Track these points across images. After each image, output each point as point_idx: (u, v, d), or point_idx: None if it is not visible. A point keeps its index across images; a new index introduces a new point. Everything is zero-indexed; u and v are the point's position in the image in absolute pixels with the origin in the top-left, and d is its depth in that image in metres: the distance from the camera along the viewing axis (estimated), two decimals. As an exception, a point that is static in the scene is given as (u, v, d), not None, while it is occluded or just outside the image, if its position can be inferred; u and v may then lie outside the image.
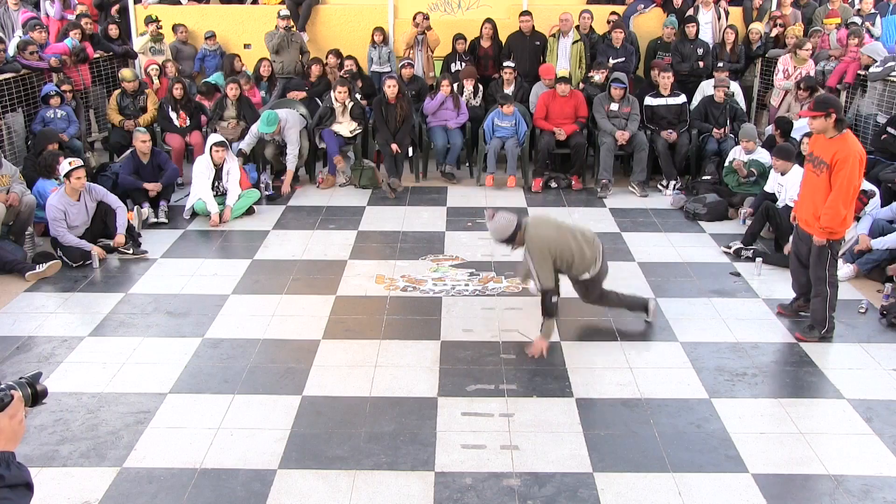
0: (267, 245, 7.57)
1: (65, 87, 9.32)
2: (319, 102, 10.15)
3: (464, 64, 10.38)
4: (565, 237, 5.49)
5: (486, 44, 10.68)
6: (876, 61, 8.90)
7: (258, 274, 6.90)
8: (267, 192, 8.97)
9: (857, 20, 10.68)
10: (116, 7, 11.66)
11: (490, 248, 7.48)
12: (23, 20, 10.55)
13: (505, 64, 10.06)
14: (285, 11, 10.84)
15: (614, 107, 9.41)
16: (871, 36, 10.31)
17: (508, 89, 9.88)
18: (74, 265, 6.92)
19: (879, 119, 8.71)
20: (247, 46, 11.44)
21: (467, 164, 10.14)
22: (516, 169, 9.51)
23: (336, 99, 9.49)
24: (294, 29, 10.95)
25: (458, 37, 10.52)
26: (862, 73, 9.23)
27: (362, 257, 7.27)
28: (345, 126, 9.55)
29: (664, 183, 9.35)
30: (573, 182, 9.47)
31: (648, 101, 9.67)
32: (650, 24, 11.36)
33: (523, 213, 5.66)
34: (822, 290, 5.66)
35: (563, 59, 10.39)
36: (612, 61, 10.26)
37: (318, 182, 9.50)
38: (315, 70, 10.59)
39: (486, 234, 7.83)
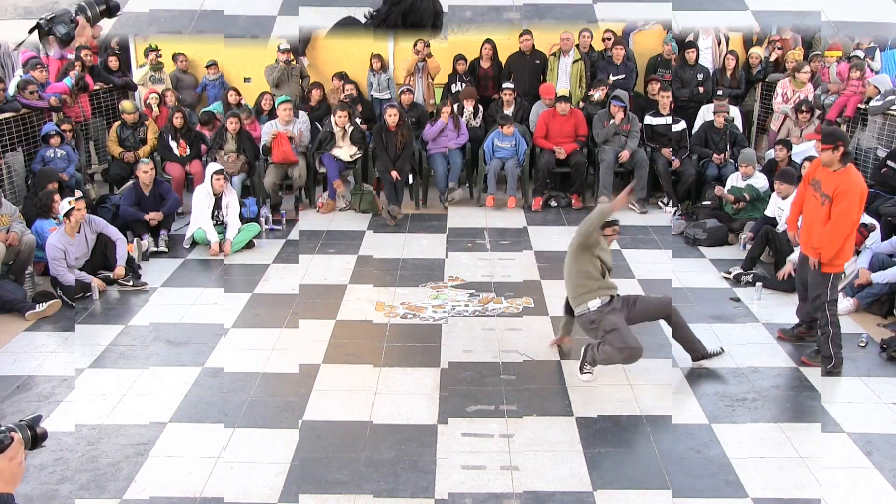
0: (267, 279, 7.48)
1: (65, 127, 9.34)
2: (319, 127, 10.17)
3: (464, 84, 10.40)
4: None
5: (485, 64, 10.69)
6: (881, 91, 8.83)
7: (258, 308, 6.81)
8: (268, 227, 8.94)
9: (860, 53, 10.53)
10: (116, 40, 11.74)
11: (490, 269, 7.46)
12: (23, 59, 10.64)
13: (504, 85, 10.08)
14: (285, 45, 10.81)
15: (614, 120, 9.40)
16: (871, 70, 10.18)
17: (508, 110, 9.90)
18: (74, 297, 6.88)
19: (879, 153, 8.63)
20: (247, 80, 11.46)
21: (467, 185, 10.14)
22: (516, 189, 9.51)
23: (336, 123, 9.53)
24: (294, 63, 10.97)
25: (459, 57, 10.54)
26: (862, 106, 9.14)
27: (362, 282, 7.25)
28: (345, 150, 9.58)
29: (664, 200, 9.32)
30: (573, 200, 9.46)
31: (648, 119, 9.67)
32: (650, 42, 11.36)
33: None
34: (825, 329, 5.58)
35: (564, 78, 10.38)
36: (612, 78, 10.27)
37: (318, 206, 9.52)
38: (315, 94, 10.63)
39: (485, 255, 7.85)
